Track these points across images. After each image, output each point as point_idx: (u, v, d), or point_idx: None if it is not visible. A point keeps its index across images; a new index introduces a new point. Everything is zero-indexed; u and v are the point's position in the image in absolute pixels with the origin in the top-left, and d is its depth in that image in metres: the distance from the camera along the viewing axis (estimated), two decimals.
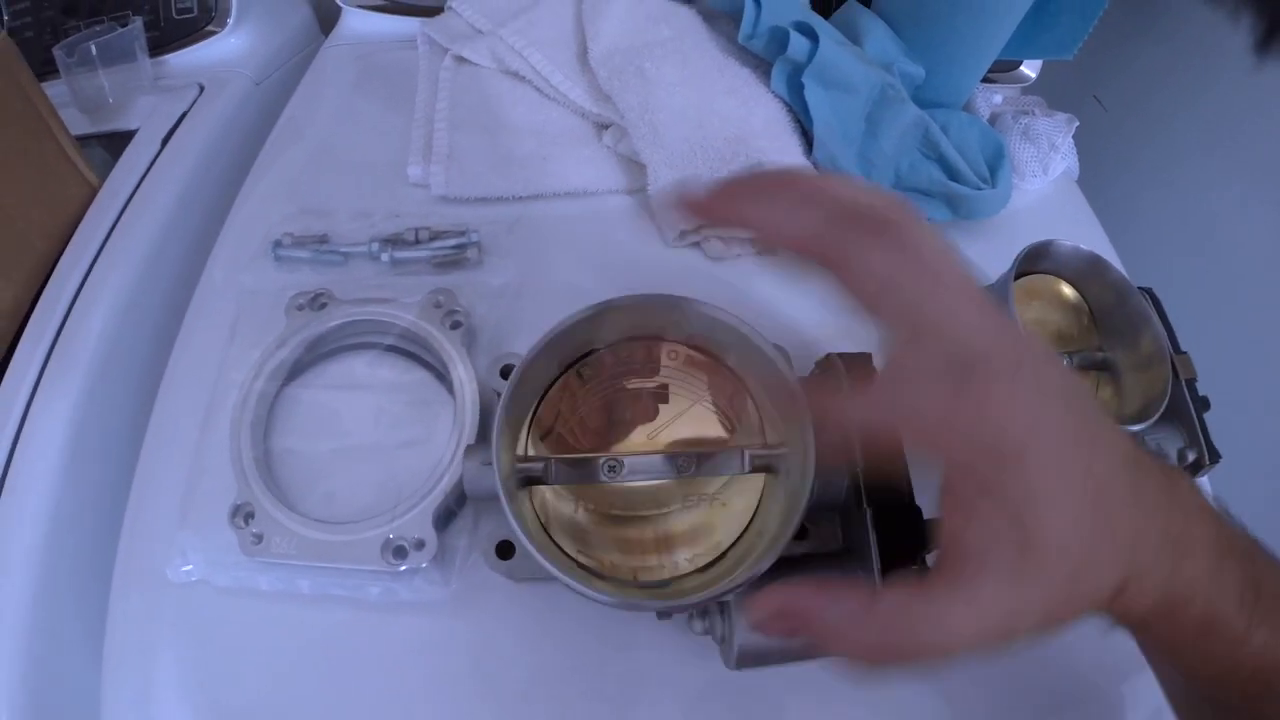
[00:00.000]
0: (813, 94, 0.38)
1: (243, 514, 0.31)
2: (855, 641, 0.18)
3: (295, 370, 0.35)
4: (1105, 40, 0.66)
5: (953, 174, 0.41)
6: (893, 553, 0.25)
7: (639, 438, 0.30)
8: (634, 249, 0.38)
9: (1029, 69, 0.56)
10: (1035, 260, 0.38)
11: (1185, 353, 0.41)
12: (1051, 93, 0.56)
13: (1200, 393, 0.41)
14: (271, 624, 0.30)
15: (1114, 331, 0.40)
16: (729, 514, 0.29)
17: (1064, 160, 0.49)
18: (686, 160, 0.37)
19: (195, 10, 0.49)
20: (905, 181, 0.42)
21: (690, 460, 0.28)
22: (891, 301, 0.19)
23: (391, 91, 0.45)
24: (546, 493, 0.29)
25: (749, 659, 0.25)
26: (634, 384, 0.30)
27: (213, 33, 0.48)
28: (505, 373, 0.30)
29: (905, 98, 0.41)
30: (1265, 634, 0.19)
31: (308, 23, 0.54)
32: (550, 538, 0.28)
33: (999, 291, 0.37)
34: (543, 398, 0.30)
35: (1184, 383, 0.40)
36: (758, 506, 0.29)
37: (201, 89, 0.47)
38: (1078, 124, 0.50)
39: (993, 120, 0.50)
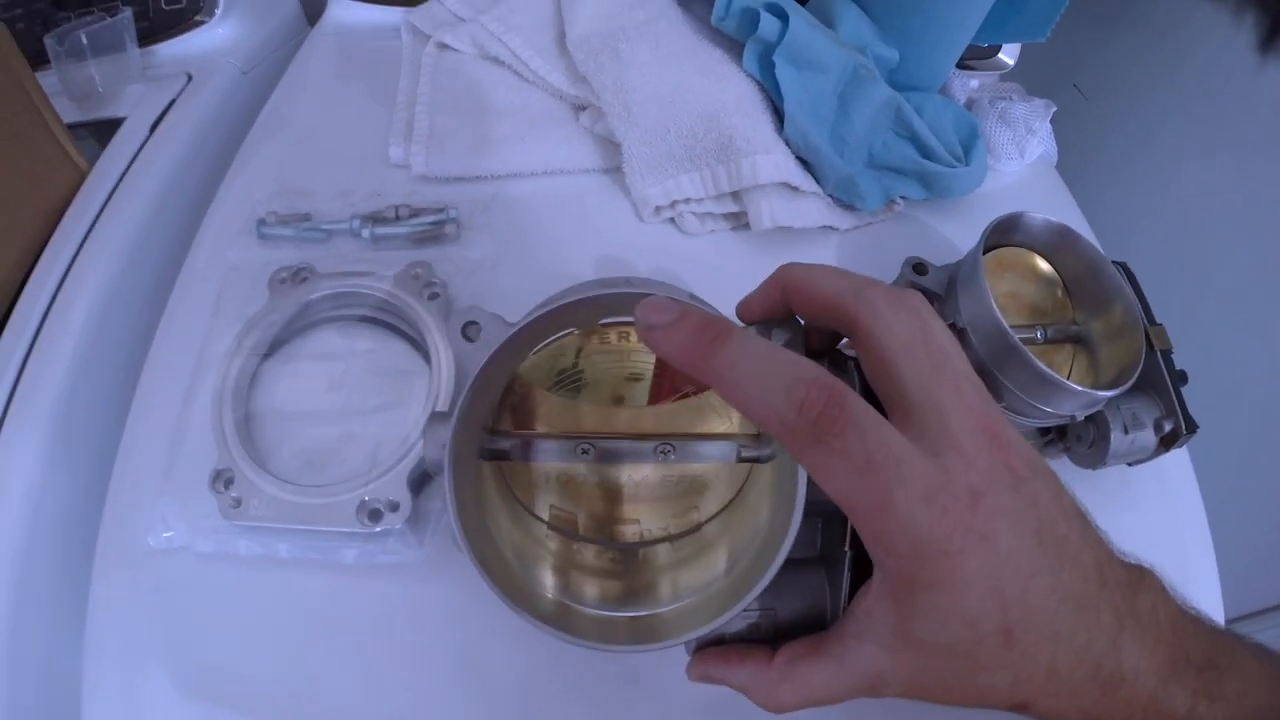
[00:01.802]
0: (784, 72, 0.39)
1: (223, 479, 0.31)
2: (755, 698, 0.22)
3: (277, 341, 0.35)
4: (1085, 28, 0.67)
5: (926, 152, 0.42)
6: None
7: (621, 420, 0.28)
8: (609, 224, 0.39)
9: (1007, 56, 0.57)
10: (1006, 232, 0.39)
11: (1160, 324, 0.41)
12: (1031, 81, 0.57)
13: (1178, 368, 0.41)
14: (251, 589, 0.31)
15: (1087, 303, 0.41)
16: (712, 492, 0.28)
17: (1041, 144, 0.50)
18: (660, 138, 0.38)
19: (184, 1, 0.50)
20: (879, 160, 0.42)
21: (671, 447, 0.27)
22: (897, 373, 0.20)
23: (374, 79, 0.46)
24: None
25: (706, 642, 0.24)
26: (617, 365, 0.28)
27: (201, 23, 0.49)
28: (466, 331, 0.29)
29: (877, 77, 0.41)
30: None
31: (295, 13, 0.55)
32: (521, 503, 0.28)
33: (969, 264, 0.37)
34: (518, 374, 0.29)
35: (1159, 353, 0.40)
36: (740, 488, 0.27)
37: (189, 78, 0.48)
38: (1055, 109, 0.51)
39: (969, 105, 0.50)
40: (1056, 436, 0.40)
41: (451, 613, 0.30)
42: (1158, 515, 0.40)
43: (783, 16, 0.40)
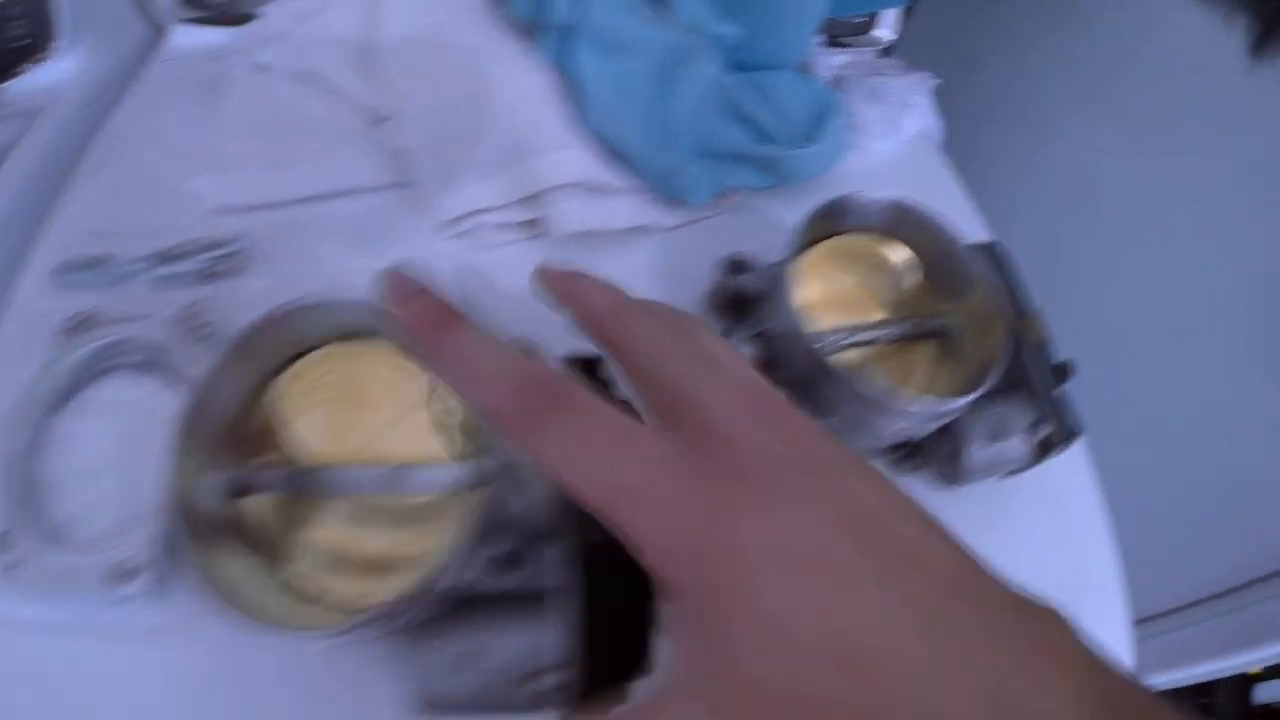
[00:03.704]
0: (584, 57, 0.36)
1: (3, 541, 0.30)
2: None
3: (65, 393, 0.34)
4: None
5: (764, 135, 0.39)
6: (607, 652, 0.21)
7: (350, 447, 0.27)
8: (406, 242, 0.37)
9: (883, 31, 0.51)
10: (836, 219, 0.35)
11: (1032, 317, 0.37)
12: (917, 57, 0.52)
13: (1065, 361, 0.37)
14: (19, 656, 0.30)
15: (946, 291, 0.37)
16: (447, 538, 0.26)
17: (919, 119, 0.46)
18: (451, 144, 0.36)
19: (30, 38, 0.49)
20: (714, 148, 0.39)
21: (395, 475, 0.25)
22: (656, 383, 0.18)
23: (203, 106, 0.44)
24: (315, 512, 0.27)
25: (439, 705, 0.23)
26: (346, 388, 0.28)
27: (44, 59, 0.48)
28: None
29: (701, 56, 0.38)
30: None
31: (146, 41, 0.54)
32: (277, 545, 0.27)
33: (776, 267, 0.33)
34: (252, 405, 0.28)
35: (1032, 348, 0.36)
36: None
37: (31, 117, 0.47)
38: (935, 81, 0.46)
39: (837, 83, 0.46)
40: (911, 452, 0.36)
41: (214, 674, 0.29)
42: (1045, 526, 0.36)
43: None
